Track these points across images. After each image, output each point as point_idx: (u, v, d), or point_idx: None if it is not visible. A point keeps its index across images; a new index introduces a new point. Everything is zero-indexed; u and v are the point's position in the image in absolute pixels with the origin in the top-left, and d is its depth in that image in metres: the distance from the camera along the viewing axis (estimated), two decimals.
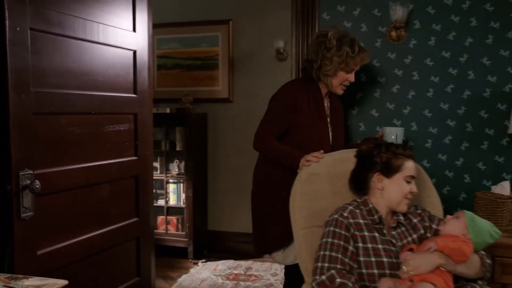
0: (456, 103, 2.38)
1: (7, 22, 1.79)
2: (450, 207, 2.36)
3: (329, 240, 1.56)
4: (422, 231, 1.65)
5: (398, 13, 2.27)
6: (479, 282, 1.58)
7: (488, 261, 1.60)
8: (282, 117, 2.16)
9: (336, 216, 1.61)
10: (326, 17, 2.49)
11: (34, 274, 1.72)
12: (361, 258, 1.54)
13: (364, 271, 1.53)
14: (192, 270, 3.59)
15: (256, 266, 3.65)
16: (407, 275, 1.44)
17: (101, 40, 2.34)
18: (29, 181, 1.88)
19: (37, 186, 1.89)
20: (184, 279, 3.41)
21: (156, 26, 4.08)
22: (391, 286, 1.44)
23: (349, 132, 2.49)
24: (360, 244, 1.55)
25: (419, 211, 1.71)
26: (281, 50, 3.55)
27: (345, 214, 1.61)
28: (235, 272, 3.52)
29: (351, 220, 1.59)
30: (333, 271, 1.48)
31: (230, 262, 3.74)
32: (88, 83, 2.28)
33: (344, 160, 1.82)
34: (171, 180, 3.89)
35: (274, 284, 3.24)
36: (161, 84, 4.17)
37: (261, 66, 3.76)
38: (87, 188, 2.27)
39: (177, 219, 3.87)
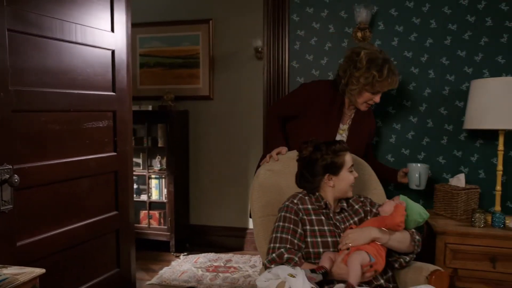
0: (417, 100, 2.51)
1: None
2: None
3: (280, 224, 1.72)
4: (362, 215, 1.82)
5: (362, 15, 2.39)
6: (411, 255, 1.75)
7: (418, 237, 1.75)
8: (295, 105, 2.23)
9: (287, 203, 1.78)
10: (296, 18, 2.60)
11: (14, 264, 1.80)
12: (309, 239, 1.70)
13: (311, 250, 1.69)
14: (173, 263, 3.70)
15: (236, 259, 3.77)
16: (345, 246, 1.63)
17: (79, 40, 2.43)
18: (8, 176, 1.97)
19: (16, 180, 1.98)
20: (165, 271, 3.52)
21: (139, 25, 4.19)
22: (331, 256, 1.62)
23: None
24: (308, 227, 1.72)
25: (361, 199, 1.88)
26: (260, 49, 3.66)
27: (295, 201, 1.77)
28: (215, 264, 3.64)
29: (300, 206, 1.75)
30: (282, 250, 1.65)
31: (211, 255, 3.86)
32: (67, 82, 2.36)
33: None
34: (153, 176, 3.98)
35: (252, 275, 3.36)
36: (144, 82, 4.26)
37: (240, 64, 3.87)
38: (66, 182, 2.36)
39: (159, 214, 3.98)
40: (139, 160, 4.06)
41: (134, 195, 4.04)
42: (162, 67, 4.17)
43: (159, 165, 4.00)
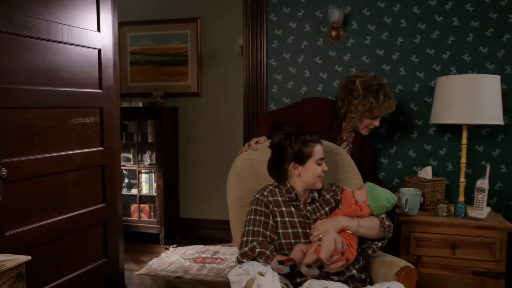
0: None
1: None
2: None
3: (252, 217, 1.79)
4: (333, 204, 1.88)
5: (335, 15, 2.49)
6: (382, 241, 1.80)
7: (387, 222, 1.77)
8: (294, 119, 2.29)
9: (257, 195, 1.84)
10: (274, 18, 2.71)
11: (2, 252, 1.92)
12: (280, 230, 1.77)
13: (283, 241, 1.75)
14: (162, 255, 3.82)
15: (224, 250, 3.89)
16: (316, 238, 1.68)
17: (65, 40, 2.54)
18: None
19: (4, 173, 2.10)
20: (154, 262, 3.64)
21: (129, 24, 4.31)
22: (302, 248, 1.67)
23: None
24: (279, 218, 1.78)
25: (333, 188, 1.93)
26: None
27: (265, 193, 1.83)
28: (203, 255, 3.76)
29: (270, 198, 1.81)
30: (255, 243, 1.71)
31: (200, 247, 3.98)
32: (54, 80, 2.48)
33: None
34: (143, 170, 4.11)
35: None
36: (134, 79, 4.37)
37: (227, 61, 3.98)
38: (53, 175, 2.47)
39: (149, 207, 4.10)
40: (130, 155, 4.18)
41: (125, 189, 4.18)
42: (152, 64, 4.28)
43: (149, 160, 4.12)
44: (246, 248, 1.71)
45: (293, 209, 1.81)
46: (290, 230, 1.76)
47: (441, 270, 2.17)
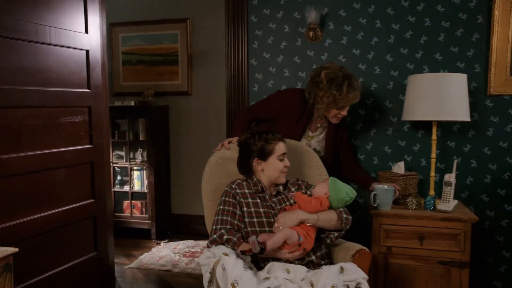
0: (365, 94, 2.70)
1: None
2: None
3: (221, 207, 1.93)
4: None
5: (312, 16, 2.58)
6: (339, 232, 1.93)
7: (345, 215, 1.92)
8: (268, 111, 2.41)
9: (227, 188, 1.99)
10: (254, 19, 2.81)
11: None
12: (246, 219, 1.91)
13: (248, 229, 1.89)
14: (154, 249, 3.94)
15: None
16: (277, 229, 1.82)
17: (53, 42, 2.65)
18: None
19: None
20: (145, 256, 3.75)
21: (121, 25, 4.42)
22: (265, 238, 1.77)
23: None
24: (245, 209, 1.92)
25: (299, 182, 2.07)
26: None
27: (233, 186, 1.98)
28: (193, 250, 3.87)
29: (238, 191, 1.96)
30: (223, 231, 1.85)
31: (190, 242, 4.09)
32: (42, 80, 2.58)
33: None
34: (135, 168, 4.21)
35: None
36: (127, 78, 4.48)
37: (216, 61, 4.07)
38: (42, 172, 2.58)
39: (141, 203, 4.21)
40: (122, 153, 4.29)
41: (118, 186, 4.29)
42: (144, 64, 4.39)
43: (140, 158, 4.23)
44: (215, 236, 1.85)
45: (258, 200, 1.95)
46: (255, 220, 1.90)
47: (410, 260, 2.26)
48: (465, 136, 2.59)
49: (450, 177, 2.27)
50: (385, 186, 2.36)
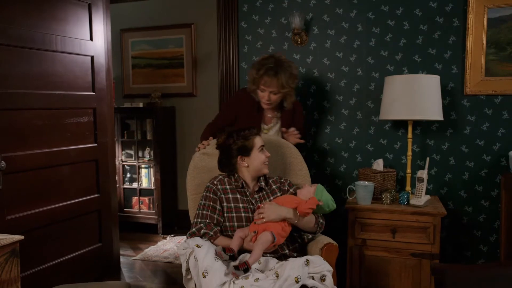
0: (348, 95, 2.83)
1: None
2: (346, 182, 2.84)
3: (202, 202, 2.06)
4: (278, 194, 2.12)
5: (296, 21, 2.72)
6: (313, 234, 2.09)
7: (321, 221, 2.07)
8: (226, 116, 2.58)
9: (208, 183, 2.11)
10: (244, 25, 2.97)
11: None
12: (226, 214, 2.03)
13: (227, 223, 2.02)
14: (159, 243, 4.16)
15: None
16: (260, 221, 1.91)
17: (59, 49, 2.89)
18: None
19: (3, 166, 2.46)
20: (150, 249, 3.98)
21: (130, 30, 4.67)
22: (241, 235, 1.90)
23: None
24: (225, 204, 2.05)
25: (281, 180, 2.19)
26: None
27: (215, 182, 2.10)
28: None
29: (219, 186, 2.08)
30: (201, 225, 1.99)
31: None
32: (49, 85, 2.83)
33: None
34: (143, 166, 4.45)
35: None
36: (136, 81, 4.72)
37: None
38: (48, 168, 2.83)
39: (149, 200, 4.44)
40: (131, 152, 4.53)
41: (127, 183, 4.54)
42: (151, 67, 4.62)
43: (148, 156, 4.46)
44: (194, 229, 2.00)
45: (239, 196, 2.07)
46: (234, 214, 2.03)
47: (383, 252, 2.38)
48: (444, 135, 2.68)
49: (422, 173, 2.38)
50: (365, 183, 2.49)
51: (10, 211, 2.58)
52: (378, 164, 2.61)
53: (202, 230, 1.97)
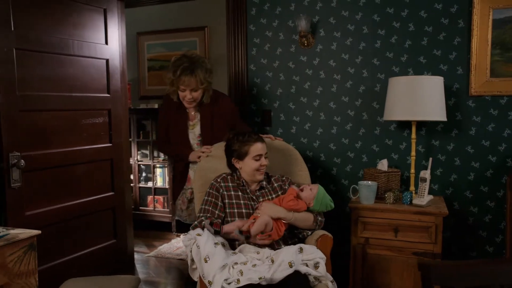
0: (354, 96, 2.86)
1: None
2: (352, 181, 2.87)
3: (205, 198, 2.18)
4: (279, 193, 2.22)
5: (302, 24, 2.78)
6: (312, 231, 2.17)
7: (320, 218, 2.17)
8: (162, 124, 2.69)
9: (212, 181, 2.23)
10: (252, 28, 3.05)
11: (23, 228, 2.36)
12: (227, 210, 2.14)
13: (229, 219, 2.13)
14: (173, 241, 4.27)
15: None
16: (256, 214, 2.05)
17: (76, 53, 3.03)
18: (16, 160, 2.58)
19: (22, 164, 2.59)
20: (163, 246, 4.09)
21: (145, 34, 4.80)
22: (238, 224, 2.03)
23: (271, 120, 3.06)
24: (227, 200, 2.16)
25: (283, 178, 2.28)
26: None
27: (219, 180, 2.21)
28: None
29: (222, 184, 2.19)
30: (203, 218, 2.10)
31: None
32: (66, 87, 2.97)
33: None
34: (157, 165, 4.57)
35: None
36: (151, 83, 4.86)
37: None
38: (65, 167, 2.96)
39: (163, 198, 4.56)
40: (147, 152, 4.66)
41: (143, 182, 4.67)
42: (166, 69, 4.73)
43: (162, 156, 4.58)
44: (196, 222, 2.12)
45: (240, 193, 2.18)
46: (236, 210, 2.14)
47: (386, 251, 2.42)
48: (449, 135, 2.69)
49: (425, 174, 2.41)
50: (369, 182, 2.54)
51: (29, 207, 2.71)
52: (383, 164, 2.65)
53: (203, 222, 2.07)
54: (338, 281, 2.04)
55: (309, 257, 1.89)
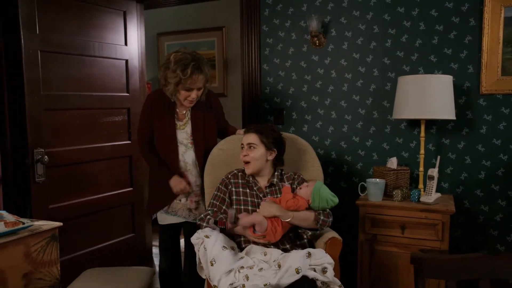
0: (365, 95, 2.90)
1: (22, 47, 2.65)
2: (362, 179, 2.89)
3: (215, 192, 2.25)
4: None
5: (313, 24, 2.83)
6: (313, 231, 2.19)
7: (322, 217, 2.10)
8: (145, 123, 2.54)
9: (223, 177, 2.29)
10: (265, 29, 3.11)
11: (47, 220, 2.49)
12: (234, 206, 2.20)
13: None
14: None
15: None
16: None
17: (97, 54, 3.16)
18: (40, 156, 2.74)
19: (46, 160, 2.75)
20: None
21: (165, 34, 4.93)
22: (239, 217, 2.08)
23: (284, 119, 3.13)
24: (234, 197, 2.22)
25: (295, 176, 2.29)
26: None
27: (229, 176, 2.28)
28: None
29: (231, 180, 2.25)
30: (209, 211, 2.18)
31: None
32: (87, 87, 3.11)
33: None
34: None
35: None
36: None
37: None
38: (86, 163, 3.10)
39: None
40: None
41: None
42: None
43: None
44: (202, 215, 2.20)
45: (248, 190, 2.24)
46: (242, 207, 2.20)
47: (393, 247, 2.45)
48: (459, 134, 2.70)
49: (433, 172, 2.43)
50: (377, 180, 2.58)
51: (52, 200, 2.87)
52: (392, 162, 2.68)
53: (208, 217, 2.14)
54: (346, 281, 2.05)
55: (317, 262, 1.88)
